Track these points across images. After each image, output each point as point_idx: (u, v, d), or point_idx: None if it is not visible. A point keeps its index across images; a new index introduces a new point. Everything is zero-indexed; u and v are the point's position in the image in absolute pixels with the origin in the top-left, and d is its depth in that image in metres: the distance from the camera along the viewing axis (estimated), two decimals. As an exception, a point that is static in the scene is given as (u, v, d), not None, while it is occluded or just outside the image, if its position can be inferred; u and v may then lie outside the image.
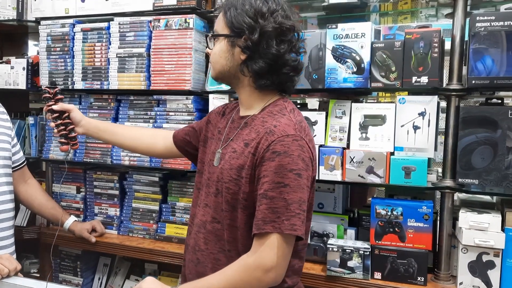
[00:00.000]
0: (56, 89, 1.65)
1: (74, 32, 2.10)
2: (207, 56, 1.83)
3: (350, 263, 1.61)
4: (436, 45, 1.55)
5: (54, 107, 1.62)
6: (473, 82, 1.50)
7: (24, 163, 1.91)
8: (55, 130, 1.64)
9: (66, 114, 1.64)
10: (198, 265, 1.32)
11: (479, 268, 1.53)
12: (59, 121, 1.63)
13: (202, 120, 1.51)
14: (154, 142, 1.63)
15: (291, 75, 1.28)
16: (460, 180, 1.54)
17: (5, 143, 1.74)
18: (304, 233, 1.18)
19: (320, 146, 1.70)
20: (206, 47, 1.36)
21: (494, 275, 1.51)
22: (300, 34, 1.30)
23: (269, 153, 1.16)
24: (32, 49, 2.72)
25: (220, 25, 1.29)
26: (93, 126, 1.67)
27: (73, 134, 1.65)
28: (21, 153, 1.89)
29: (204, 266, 1.29)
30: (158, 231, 2.03)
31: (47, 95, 1.63)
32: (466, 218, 1.53)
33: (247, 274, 1.15)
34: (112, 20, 2.03)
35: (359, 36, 1.63)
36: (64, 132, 1.63)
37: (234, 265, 1.17)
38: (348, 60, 1.64)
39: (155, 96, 2.00)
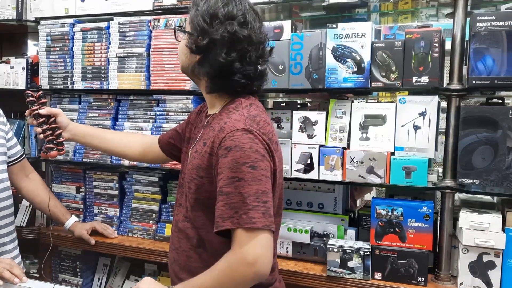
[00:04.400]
0: (40, 92, 1.59)
1: (74, 32, 2.10)
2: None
3: (350, 264, 1.61)
4: (437, 45, 1.55)
5: (41, 111, 1.55)
6: (474, 82, 1.50)
7: (23, 156, 1.88)
8: (41, 136, 1.57)
9: (53, 119, 1.58)
10: (174, 263, 1.33)
11: (479, 268, 1.52)
12: (45, 126, 1.57)
13: (184, 122, 1.52)
14: (144, 149, 1.63)
15: (242, 82, 1.24)
16: (460, 180, 1.54)
17: (0, 139, 1.72)
18: (271, 224, 1.12)
19: (320, 146, 1.70)
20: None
21: (494, 275, 1.51)
22: (264, 43, 1.27)
23: (221, 150, 1.16)
24: (32, 49, 2.71)
25: (186, 21, 1.29)
26: (80, 131, 1.65)
27: (60, 139, 1.59)
28: (19, 147, 1.86)
29: (178, 264, 1.31)
30: (158, 231, 2.03)
31: (31, 98, 1.56)
32: (466, 218, 1.52)
33: (232, 270, 1.13)
34: (112, 19, 2.03)
35: (360, 36, 1.62)
36: (51, 137, 1.58)
37: (219, 263, 1.16)
38: (349, 60, 1.64)
39: (154, 96, 1.99)
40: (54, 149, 1.58)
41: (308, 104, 2.13)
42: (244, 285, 1.14)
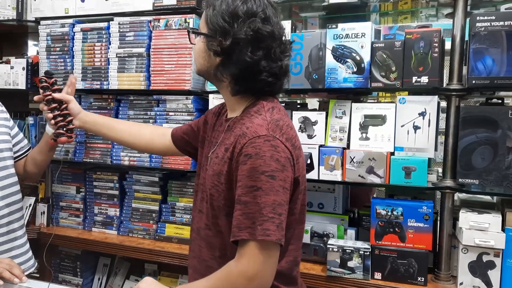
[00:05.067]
0: (54, 79, 1.60)
1: (74, 32, 2.10)
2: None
3: (350, 263, 1.61)
4: (436, 45, 1.55)
5: (55, 95, 1.55)
6: (474, 82, 1.50)
7: (30, 150, 1.86)
8: (52, 122, 1.58)
9: (65, 105, 1.59)
10: (195, 272, 1.29)
11: (479, 268, 1.52)
12: (57, 112, 1.58)
13: (200, 119, 1.47)
14: (153, 139, 1.60)
15: (269, 80, 1.19)
16: (460, 180, 1.54)
17: (5, 134, 1.72)
18: (281, 238, 1.09)
19: (320, 146, 1.70)
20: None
21: (494, 275, 1.51)
22: (284, 37, 1.22)
23: (241, 156, 1.11)
24: (32, 49, 2.71)
25: (202, 22, 1.24)
26: (90, 120, 1.64)
27: (71, 126, 1.60)
28: (26, 141, 1.85)
29: (199, 273, 1.26)
30: (158, 231, 2.03)
31: (45, 84, 1.57)
32: (466, 218, 1.53)
33: (230, 282, 1.09)
34: (112, 20, 2.03)
35: (359, 36, 1.62)
36: (62, 123, 1.59)
37: (219, 272, 1.13)
38: (348, 60, 1.64)
39: (155, 96, 1.99)
40: (64, 135, 1.59)
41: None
42: None
